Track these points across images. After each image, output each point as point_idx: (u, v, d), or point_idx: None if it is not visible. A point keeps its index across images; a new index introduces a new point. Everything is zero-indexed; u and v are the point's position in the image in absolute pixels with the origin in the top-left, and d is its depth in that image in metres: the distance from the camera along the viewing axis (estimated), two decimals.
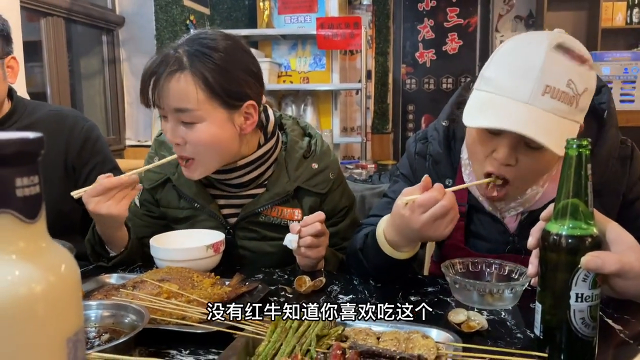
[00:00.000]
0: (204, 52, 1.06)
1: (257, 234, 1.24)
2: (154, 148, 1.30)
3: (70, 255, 0.43)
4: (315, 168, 1.23)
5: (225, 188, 1.23)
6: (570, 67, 0.91)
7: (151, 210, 1.30)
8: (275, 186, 1.21)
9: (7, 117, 1.39)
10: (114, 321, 0.81)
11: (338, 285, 1.07)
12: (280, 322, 0.77)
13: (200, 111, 1.07)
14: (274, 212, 1.21)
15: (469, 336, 0.82)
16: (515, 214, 1.11)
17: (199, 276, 1.03)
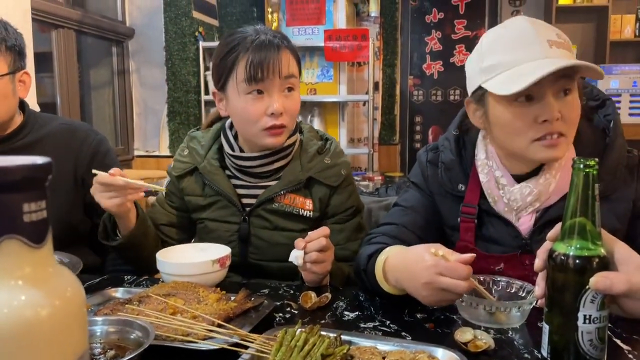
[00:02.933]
0: (282, 36, 1.25)
1: (270, 223, 1.29)
2: (186, 142, 1.40)
3: (75, 278, 0.43)
4: (327, 162, 1.31)
5: (246, 178, 1.32)
6: (548, 25, 1.02)
7: (172, 200, 1.39)
8: (289, 175, 1.29)
9: (19, 130, 1.41)
10: (120, 337, 0.81)
11: (344, 301, 1.07)
12: (285, 341, 0.77)
13: (296, 79, 1.25)
14: (286, 200, 1.28)
15: (475, 356, 0.81)
16: (532, 210, 1.10)
17: (204, 291, 1.03)
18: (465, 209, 1.15)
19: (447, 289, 0.87)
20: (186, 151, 1.37)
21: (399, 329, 0.93)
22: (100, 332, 0.82)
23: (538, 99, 0.99)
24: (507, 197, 1.10)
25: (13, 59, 1.33)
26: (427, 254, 0.89)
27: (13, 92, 1.34)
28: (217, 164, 1.32)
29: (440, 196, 1.20)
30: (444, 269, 0.87)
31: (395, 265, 0.98)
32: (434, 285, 0.87)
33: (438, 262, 0.87)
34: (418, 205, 1.22)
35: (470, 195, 1.15)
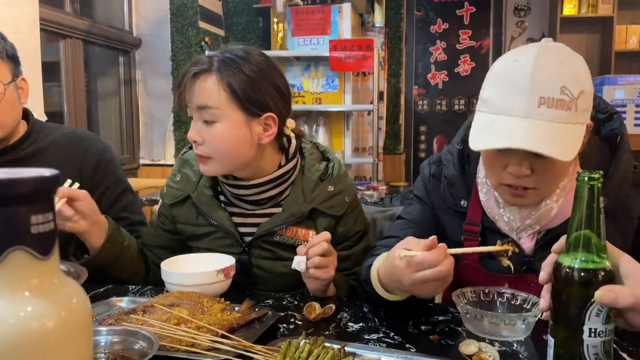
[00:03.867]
0: (234, 60, 1.14)
1: (272, 253, 1.25)
2: (177, 166, 1.35)
3: (81, 289, 0.44)
4: (331, 191, 1.25)
5: (243, 205, 1.26)
6: (561, 72, 0.92)
7: (164, 223, 1.35)
8: (291, 206, 1.23)
9: (24, 139, 1.41)
10: (124, 347, 0.81)
11: (348, 312, 1.07)
12: (289, 352, 0.77)
13: (220, 110, 1.13)
14: (288, 232, 1.23)
15: None
16: (532, 232, 1.10)
17: (209, 301, 1.03)
18: (468, 227, 1.15)
19: (429, 280, 0.87)
20: (178, 176, 1.31)
21: (403, 341, 0.93)
22: (105, 342, 0.82)
23: (509, 154, 0.97)
24: (507, 216, 1.10)
25: (12, 66, 1.35)
26: (396, 260, 0.90)
27: (18, 98, 1.36)
28: (211, 193, 1.26)
29: (443, 211, 1.20)
30: (415, 265, 0.87)
31: (384, 275, 0.99)
32: (417, 282, 0.88)
33: (408, 262, 0.88)
34: (421, 218, 1.21)
35: (473, 213, 1.15)
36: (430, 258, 0.86)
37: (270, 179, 1.22)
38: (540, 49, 0.96)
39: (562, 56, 0.95)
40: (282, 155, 1.26)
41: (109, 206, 1.49)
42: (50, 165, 1.28)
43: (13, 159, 1.38)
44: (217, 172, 1.20)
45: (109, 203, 1.49)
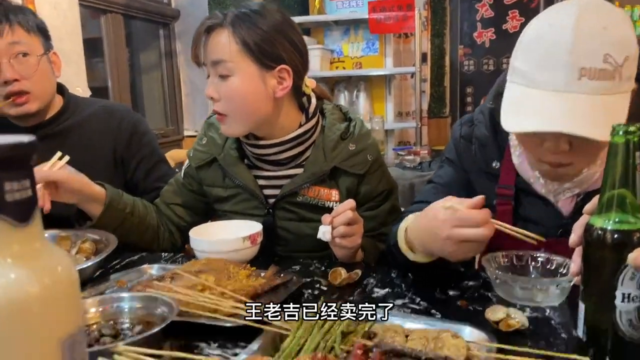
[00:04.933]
0: (247, 14, 1.14)
1: (296, 214, 1.25)
2: (203, 130, 1.36)
3: (67, 257, 0.43)
4: (352, 149, 1.23)
5: (265, 166, 1.26)
6: (604, 38, 0.82)
7: (190, 183, 1.36)
8: (312, 166, 1.22)
9: (60, 114, 1.45)
10: (146, 313, 0.83)
11: (374, 278, 1.05)
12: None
13: (233, 63, 1.12)
14: (311, 192, 1.23)
15: (506, 335, 0.77)
16: (571, 195, 1.03)
17: (235, 267, 1.03)
18: (501, 190, 1.09)
19: (467, 240, 0.83)
20: (204, 140, 1.32)
21: (429, 307, 0.90)
22: (129, 308, 0.84)
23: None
24: (544, 179, 1.04)
25: (43, 40, 1.38)
26: (439, 210, 0.87)
27: (51, 71, 1.39)
28: (236, 154, 1.26)
29: (475, 174, 1.14)
30: (457, 220, 0.83)
31: (417, 230, 0.95)
32: (453, 239, 0.84)
33: (451, 214, 0.84)
34: (452, 182, 1.16)
35: (506, 175, 1.09)
36: (476, 216, 0.83)
37: (291, 138, 1.21)
38: (580, 9, 0.84)
39: (605, 18, 0.84)
40: (303, 115, 1.24)
41: (143, 177, 1.52)
42: (86, 139, 1.31)
43: (50, 134, 1.43)
44: (236, 130, 1.20)
45: (143, 174, 1.52)
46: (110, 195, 1.24)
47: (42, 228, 0.42)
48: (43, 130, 1.42)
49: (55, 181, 1.14)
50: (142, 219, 1.30)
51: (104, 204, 1.22)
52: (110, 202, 1.23)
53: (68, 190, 1.17)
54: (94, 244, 1.12)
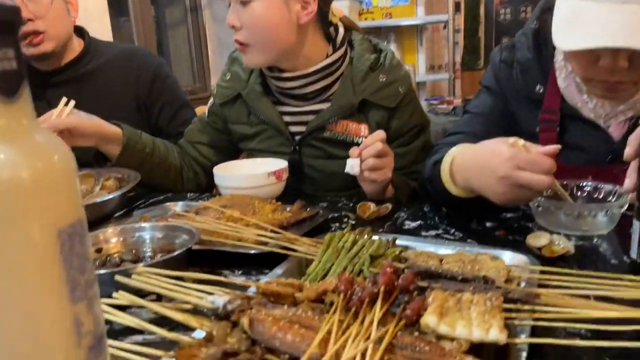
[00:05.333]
0: None
1: (323, 151, 1.20)
2: (227, 65, 1.31)
3: (66, 148, 0.39)
4: (382, 80, 1.16)
5: (291, 102, 1.21)
6: None
7: (215, 121, 1.32)
8: (339, 99, 1.16)
9: (81, 57, 1.43)
10: (168, 242, 0.80)
11: (405, 212, 0.99)
12: (333, 242, 0.72)
13: None
14: (339, 127, 1.17)
15: (550, 261, 0.72)
16: (624, 120, 0.95)
17: (260, 202, 1.00)
18: (544, 116, 1.01)
19: (526, 185, 0.75)
20: (228, 75, 1.27)
21: (465, 237, 0.85)
22: (150, 238, 0.81)
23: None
24: (593, 102, 0.95)
25: None
26: (504, 146, 0.78)
27: (67, 11, 1.36)
28: (261, 89, 1.21)
29: (516, 100, 1.06)
30: (524, 161, 0.74)
31: (464, 162, 0.87)
32: (511, 180, 0.75)
33: (517, 153, 0.76)
34: (490, 111, 1.09)
35: (550, 99, 1.01)
36: (545, 163, 0.74)
37: (317, 70, 1.15)
38: None
39: None
40: (330, 46, 1.17)
41: (167, 122, 1.49)
42: (108, 84, 1.28)
43: (70, 78, 1.41)
44: (259, 60, 1.14)
45: (167, 119, 1.49)
46: (128, 135, 1.21)
47: (32, 109, 0.37)
48: (63, 74, 1.40)
49: (67, 129, 1.11)
50: (163, 159, 1.26)
51: (122, 144, 1.19)
52: (127, 142, 1.19)
53: (82, 135, 1.13)
54: (117, 182, 1.10)
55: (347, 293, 0.54)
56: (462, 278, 0.59)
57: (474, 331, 0.48)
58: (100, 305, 0.41)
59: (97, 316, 0.40)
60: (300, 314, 0.52)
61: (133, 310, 0.65)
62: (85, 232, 0.40)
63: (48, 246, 0.37)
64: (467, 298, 0.53)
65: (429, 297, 0.54)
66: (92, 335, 0.39)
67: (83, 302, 0.38)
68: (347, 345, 0.46)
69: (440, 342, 0.49)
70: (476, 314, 0.50)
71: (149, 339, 0.59)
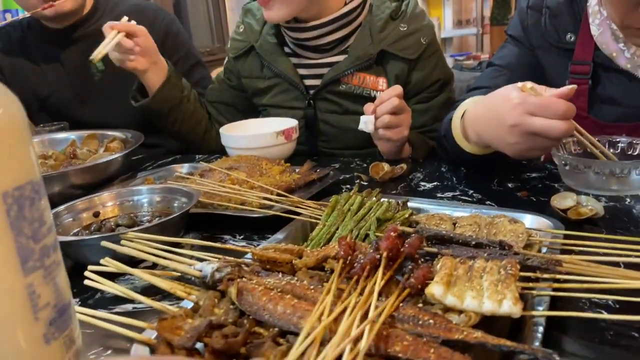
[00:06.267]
0: None
1: (339, 106, 1.14)
2: (240, 17, 1.25)
3: (14, 97, 0.35)
4: (403, 30, 1.08)
5: (306, 54, 1.14)
6: None
7: (230, 78, 1.28)
8: (356, 49, 1.09)
9: (92, 13, 1.39)
10: (166, 205, 0.76)
11: (422, 172, 0.94)
12: (338, 205, 0.67)
13: None
14: (355, 80, 1.10)
15: (577, 224, 0.65)
16: None
17: (267, 163, 0.95)
18: (575, 67, 0.93)
19: (539, 133, 0.68)
20: (241, 27, 1.21)
21: (484, 198, 0.79)
22: (148, 202, 0.78)
23: None
24: (630, 52, 0.86)
25: None
26: (513, 91, 0.71)
27: None
28: (275, 41, 1.15)
29: (544, 50, 0.97)
30: (535, 106, 0.67)
31: (475, 114, 0.81)
32: (522, 128, 0.69)
33: (526, 98, 0.68)
34: (516, 62, 1.00)
35: (582, 49, 0.92)
36: (560, 106, 0.67)
37: (334, 18, 1.07)
38: None
39: None
40: None
41: None
42: None
43: (83, 35, 1.38)
44: (283, 13, 1.05)
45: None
46: (172, 69, 1.18)
47: None
48: (78, 31, 1.37)
49: (132, 33, 1.09)
50: (196, 109, 1.22)
51: (166, 74, 1.15)
52: (171, 75, 1.16)
53: (144, 46, 1.10)
54: (122, 143, 1.06)
55: (347, 259, 0.49)
56: (475, 243, 0.54)
57: (484, 303, 0.43)
58: (64, 275, 0.37)
59: (58, 287, 0.36)
60: (294, 283, 0.48)
61: (127, 278, 0.62)
62: (39, 195, 0.36)
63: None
64: (479, 266, 0.48)
65: (437, 265, 0.49)
66: (52, 307, 0.35)
67: (38, 271, 0.34)
68: (344, 318, 0.42)
69: (447, 314, 0.44)
70: (488, 283, 0.45)
71: (140, 307, 0.56)
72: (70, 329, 0.37)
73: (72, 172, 0.88)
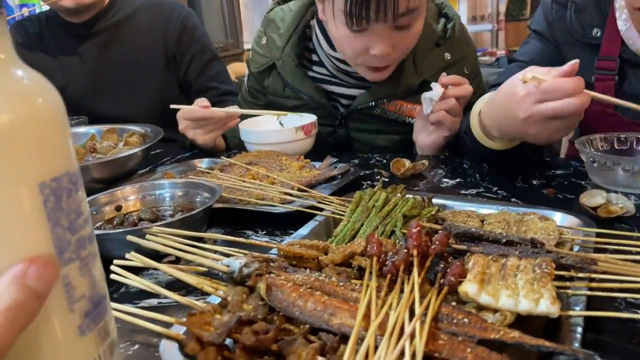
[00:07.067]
0: None
1: (372, 125, 1.10)
2: (263, 26, 1.18)
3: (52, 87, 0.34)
4: (447, 59, 1.05)
5: (345, 78, 1.09)
6: None
7: (258, 99, 1.22)
8: (398, 78, 1.04)
9: (109, 8, 1.40)
10: (189, 200, 0.76)
11: (444, 169, 0.92)
12: (363, 201, 0.66)
13: (422, 8, 0.92)
14: (391, 107, 1.06)
15: (607, 223, 0.64)
16: None
17: (287, 159, 0.95)
18: (601, 63, 0.91)
19: (555, 116, 0.67)
20: (264, 39, 1.14)
21: (508, 195, 0.77)
22: (170, 196, 0.77)
23: None
24: None
25: None
26: (517, 84, 0.71)
27: None
28: (296, 62, 1.08)
29: (569, 45, 0.96)
30: (541, 93, 0.68)
31: (490, 115, 0.80)
32: (536, 117, 0.69)
33: (530, 88, 0.69)
34: (539, 58, 0.99)
35: (609, 45, 0.90)
36: (566, 85, 0.67)
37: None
38: None
39: None
40: None
41: (196, 75, 1.45)
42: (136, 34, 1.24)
43: (102, 29, 1.39)
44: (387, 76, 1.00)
45: (196, 72, 1.44)
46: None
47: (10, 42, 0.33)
48: (95, 26, 1.38)
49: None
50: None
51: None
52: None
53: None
54: (141, 138, 1.06)
55: (381, 257, 0.48)
56: (506, 241, 0.53)
57: (520, 302, 0.42)
58: (100, 267, 0.37)
59: (94, 279, 0.36)
60: (323, 280, 0.47)
61: (151, 272, 0.62)
62: (77, 186, 0.35)
63: (28, 202, 0.32)
64: (512, 264, 0.47)
65: (469, 262, 0.49)
66: (87, 299, 0.35)
67: (74, 263, 0.34)
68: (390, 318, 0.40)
69: (480, 313, 0.43)
70: (523, 282, 0.44)
71: (165, 302, 0.56)
72: (105, 321, 0.36)
73: (93, 166, 0.88)
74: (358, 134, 1.12)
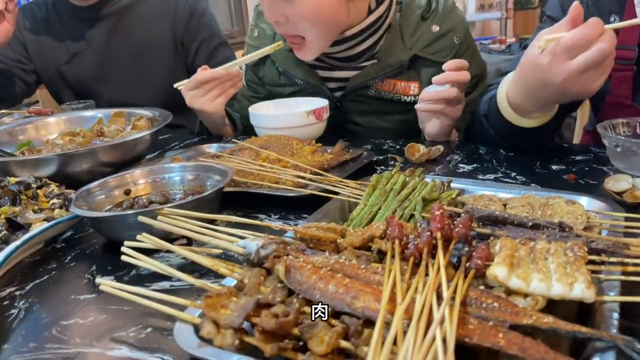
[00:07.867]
0: None
1: (369, 106, 1.09)
2: (254, 19, 1.19)
3: None
4: (436, 31, 1.03)
5: (334, 62, 1.08)
6: None
7: (257, 91, 1.21)
8: (387, 55, 1.03)
9: None
10: (199, 184, 0.74)
11: (460, 154, 0.90)
12: (380, 184, 0.64)
13: None
14: (385, 86, 1.05)
15: (633, 208, 0.62)
16: None
17: (298, 143, 0.93)
18: (619, 52, 0.88)
19: (590, 67, 0.65)
20: (256, 32, 1.15)
21: (528, 181, 0.75)
22: (180, 179, 0.75)
23: None
24: None
25: None
26: (538, 56, 0.69)
27: None
28: (288, 48, 1.06)
29: None
30: (566, 51, 0.66)
31: (521, 92, 0.78)
32: (573, 75, 0.66)
33: (554, 51, 0.67)
34: None
35: (627, 33, 0.87)
36: (583, 33, 0.65)
37: (361, 30, 1.01)
38: None
39: None
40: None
41: (205, 61, 1.42)
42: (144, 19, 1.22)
43: (109, 13, 1.37)
44: (317, 54, 1.01)
45: (204, 58, 1.43)
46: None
47: None
48: (104, 9, 1.36)
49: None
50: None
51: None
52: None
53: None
54: (149, 122, 1.04)
55: (402, 240, 0.46)
56: (532, 224, 0.51)
57: (553, 286, 0.40)
58: None
59: None
60: (343, 262, 0.45)
61: (162, 255, 0.60)
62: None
63: None
64: (542, 247, 0.45)
65: (494, 246, 0.46)
66: None
67: None
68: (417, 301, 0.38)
69: (510, 297, 0.41)
70: (555, 265, 0.41)
71: (177, 285, 0.54)
72: None
73: (100, 149, 0.86)
74: (358, 117, 1.11)
